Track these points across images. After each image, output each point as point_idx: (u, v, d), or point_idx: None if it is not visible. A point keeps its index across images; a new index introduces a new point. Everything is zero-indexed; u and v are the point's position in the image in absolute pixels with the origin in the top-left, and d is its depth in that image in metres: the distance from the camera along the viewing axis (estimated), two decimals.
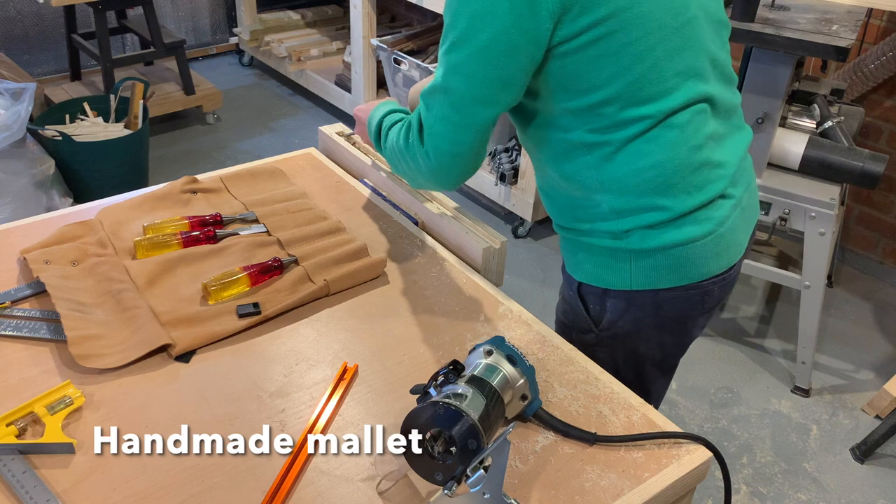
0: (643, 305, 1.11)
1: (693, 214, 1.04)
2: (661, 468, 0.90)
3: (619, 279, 1.09)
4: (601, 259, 1.10)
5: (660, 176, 1.02)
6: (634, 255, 1.06)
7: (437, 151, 1.04)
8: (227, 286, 1.14)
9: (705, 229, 1.05)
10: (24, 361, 1.02)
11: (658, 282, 1.08)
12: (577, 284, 1.16)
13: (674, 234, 1.04)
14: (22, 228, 1.29)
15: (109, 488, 0.85)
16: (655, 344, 1.18)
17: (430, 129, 1.04)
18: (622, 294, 1.10)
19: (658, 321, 1.13)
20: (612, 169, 1.02)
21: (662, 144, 1.00)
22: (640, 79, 0.98)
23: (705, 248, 1.06)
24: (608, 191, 1.04)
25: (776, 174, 2.07)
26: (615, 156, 1.01)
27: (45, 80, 3.64)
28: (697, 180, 1.03)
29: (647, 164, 1.01)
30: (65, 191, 2.73)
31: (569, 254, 1.17)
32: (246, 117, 3.75)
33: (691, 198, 1.03)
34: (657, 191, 1.02)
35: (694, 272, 1.08)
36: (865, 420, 2.17)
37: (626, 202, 1.04)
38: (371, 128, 1.23)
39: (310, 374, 1.02)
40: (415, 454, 0.82)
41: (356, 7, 3.20)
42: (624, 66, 0.96)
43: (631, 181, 1.02)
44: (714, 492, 1.91)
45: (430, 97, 1.03)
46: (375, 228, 1.34)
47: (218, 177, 1.45)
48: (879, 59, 2.43)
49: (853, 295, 2.69)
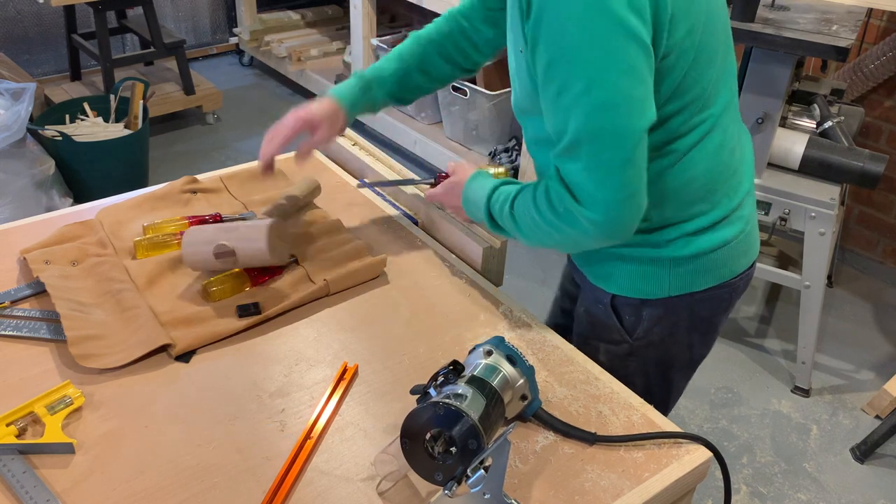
0: (678, 310, 1.09)
1: (729, 217, 1.04)
2: (661, 468, 0.90)
3: (659, 288, 1.06)
4: (639, 269, 1.06)
5: (708, 184, 1.01)
6: (674, 262, 1.04)
7: (608, 205, 0.90)
8: (228, 286, 1.14)
9: (738, 229, 1.06)
10: (24, 361, 1.02)
11: (694, 285, 1.06)
12: (611, 297, 1.11)
13: (712, 237, 1.03)
14: (22, 228, 1.29)
15: (109, 488, 0.85)
16: (686, 346, 1.16)
17: (587, 187, 0.90)
18: (660, 302, 1.08)
19: (691, 323, 1.12)
20: (670, 180, 0.98)
21: (710, 151, 0.99)
22: (708, 84, 0.95)
23: (738, 248, 1.06)
24: (659, 204, 1.00)
25: (776, 174, 2.07)
26: (673, 168, 0.98)
27: (45, 80, 3.64)
28: (733, 182, 1.04)
29: (699, 172, 0.99)
30: (65, 191, 2.73)
31: (594, 266, 1.11)
32: (246, 117, 3.75)
33: (730, 201, 1.04)
34: (703, 198, 1.01)
35: (727, 271, 1.07)
36: (865, 420, 2.18)
37: (675, 213, 1.01)
38: (478, 205, 1.08)
39: (310, 374, 1.02)
40: (415, 454, 0.82)
41: (356, 7, 3.20)
42: (700, 71, 0.93)
43: (683, 192, 1.00)
44: (714, 492, 1.90)
45: (573, 152, 0.89)
46: (375, 228, 1.34)
47: (218, 177, 1.45)
48: (879, 59, 2.43)
49: (853, 295, 2.69)
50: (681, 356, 1.18)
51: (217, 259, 1.12)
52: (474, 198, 1.09)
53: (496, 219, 1.06)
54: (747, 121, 2.01)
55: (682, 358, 1.18)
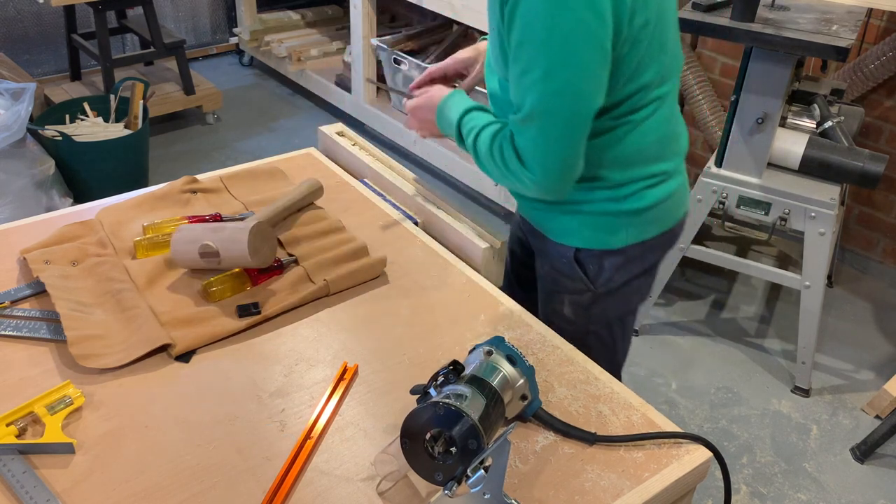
0: (634, 257, 1.22)
1: (672, 173, 1.20)
2: (661, 468, 0.90)
3: (619, 238, 1.19)
4: (602, 221, 1.18)
5: (660, 147, 1.16)
6: (632, 214, 1.17)
7: (546, 171, 1.06)
8: (228, 286, 1.14)
9: (678, 182, 1.22)
10: (24, 361, 1.02)
11: (647, 233, 1.21)
12: (574, 251, 1.22)
13: (661, 190, 1.18)
14: (22, 228, 1.29)
15: (109, 488, 0.85)
16: (637, 290, 1.29)
17: (532, 154, 1.05)
18: (620, 251, 1.21)
19: (643, 268, 1.25)
20: (629, 144, 1.12)
21: (660, 121, 1.14)
22: (661, 68, 1.09)
23: (679, 198, 1.23)
24: (615, 166, 1.14)
25: (776, 174, 2.08)
26: (632, 134, 1.12)
27: (45, 80, 3.63)
28: (675, 146, 1.20)
29: (653, 138, 1.14)
30: (65, 191, 2.73)
31: (557, 224, 1.22)
32: (246, 117, 3.75)
33: (673, 159, 1.20)
34: (655, 158, 1.16)
35: (671, 219, 1.23)
36: (865, 420, 2.18)
37: (635, 172, 1.15)
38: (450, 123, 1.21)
39: (310, 374, 1.02)
40: (415, 454, 0.82)
41: (356, 7, 3.20)
42: (655, 53, 1.07)
43: (641, 154, 1.14)
44: (714, 492, 1.90)
45: (526, 124, 1.04)
46: (375, 228, 1.34)
47: (218, 177, 1.45)
48: (879, 59, 2.43)
49: (853, 295, 2.69)
50: (633, 300, 1.31)
51: (202, 259, 1.13)
52: (448, 115, 1.21)
53: (464, 140, 1.19)
54: (747, 121, 2.01)
55: (634, 302, 1.31)
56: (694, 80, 2.73)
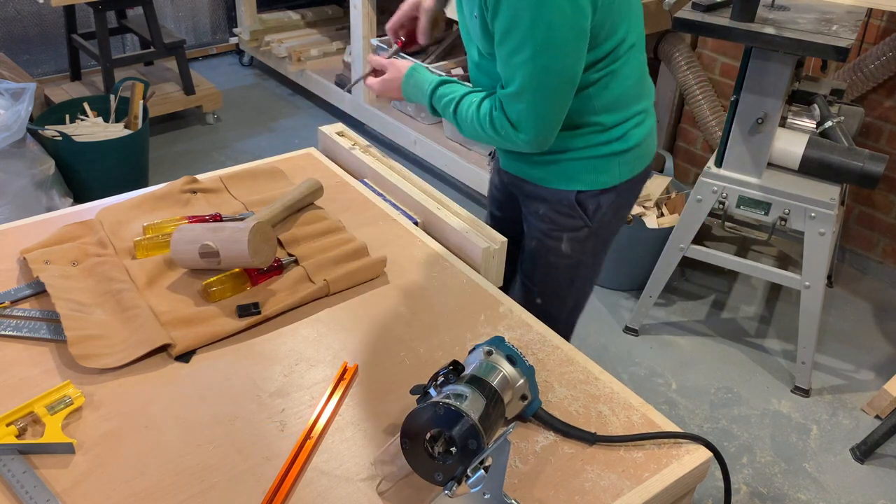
0: (623, 192, 1.40)
1: (647, 112, 1.38)
2: (661, 468, 0.90)
3: (613, 177, 1.36)
4: (598, 164, 1.35)
5: (638, 89, 1.34)
6: (623, 153, 1.34)
7: (538, 132, 1.23)
8: (228, 286, 1.14)
9: (652, 121, 1.41)
10: (24, 361, 1.02)
11: (634, 170, 1.38)
12: (575, 194, 1.37)
13: (642, 129, 1.36)
14: (22, 228, 1.29)
15: (109, 488, 0.85)
16: (621, 218, 1.47)
17: (526, 121, 1.22)
18: (613, 189, 1.38)
19: (627, 202, 1.45)
20: (613, 89, 1.29)
21: (635, 66, 1.32)
22: (630, 26, 1.27)
23: (654, 134, 1.42)
24: (606, 111, 1.30)
25: (776, 174, 2.08)
26: (615, 79, 1.28)
27: (45, 80, 3.64)
28: (646, 89, 1.38)
29: (632, 81, 1.31)
30: (65, 191, 2.73)
31: (559, 173, 1.37)
32: (246, 117, 3.75)
33: (648, 100, 1.38)
34: (635, 99, 1.34)
35: (649, 156, 1.42)
36: (865, 420, 2.18)
37: (621, 114, 1.32)
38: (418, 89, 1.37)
39: (310, 374, 1.02)
40: (415, 454, 0.82)
41: (356, 7, 3.20)
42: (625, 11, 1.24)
43: (624, 97, 1.31)
44: (714, 492, 1.90)
45: (518, 97, 1.20)
46: (375, 228, 1.34)
47: (218, 177, 1.45)
48: (879, 59, 2.43)
49: (853, 295, 2.69)
50: (617, 227, 1.49)
51: (202, 259, 1.13)
52: (415, 95, 1.38)
53: (439, 113, 1.36)
54: (747, 121, 2.01)
55: (616, 232, 1.50)
56: (694, 80, 2.73)
